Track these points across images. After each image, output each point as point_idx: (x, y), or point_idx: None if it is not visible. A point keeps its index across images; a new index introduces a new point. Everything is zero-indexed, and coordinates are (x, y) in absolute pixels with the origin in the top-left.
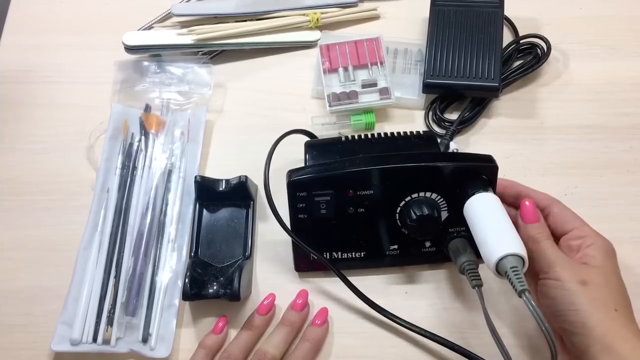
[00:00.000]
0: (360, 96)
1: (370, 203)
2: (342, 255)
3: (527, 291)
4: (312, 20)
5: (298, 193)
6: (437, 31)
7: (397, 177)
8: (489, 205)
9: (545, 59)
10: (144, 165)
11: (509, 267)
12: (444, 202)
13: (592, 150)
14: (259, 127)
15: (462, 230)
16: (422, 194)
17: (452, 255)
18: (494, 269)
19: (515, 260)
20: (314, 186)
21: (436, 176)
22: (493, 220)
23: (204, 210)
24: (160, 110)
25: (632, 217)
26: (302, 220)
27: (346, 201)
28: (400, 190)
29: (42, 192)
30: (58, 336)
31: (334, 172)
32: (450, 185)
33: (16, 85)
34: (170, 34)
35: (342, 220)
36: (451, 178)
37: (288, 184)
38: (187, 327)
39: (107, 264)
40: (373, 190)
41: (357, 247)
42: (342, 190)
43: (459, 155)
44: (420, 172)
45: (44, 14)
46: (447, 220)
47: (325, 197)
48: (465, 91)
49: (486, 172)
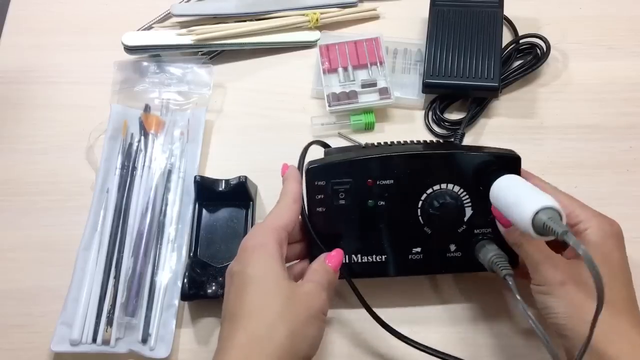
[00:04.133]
0: (360, 96)
1: (391, 195)
2: (362, 258)
3: (569, 232)
4: (312, 21)
5: (316, 182)
6: (436, 31)
7: (418, 166)
8: (516, 179)
9: (544, 59)
10: (144, 166)
11: (546, 217)
12: (467, 197)
13: (591, 150)
14: (259, 127)
15: (488, 232)
16: (445, 186)
17: (478, 254)
18: (530, 224)
19: (551, 212)
20: (332, 173)
21: (459, 166)
22: (522, 187)
23: (203, 211)
24: (159, 110)
25: (632, 217)
26: (319, 216)
27: (366, 191)
28: (422, 181)
29: (41, 192)
30: (58, 336)
31: (353, 158)
32: (473, 178)
33: (16, 86)
34: (170, 34)
35: (361, 215)
36: (474, 168)
37: (306, 171)
38: (186, 327)
39: (107, 264)
40: (394, 179)
41: (378, 248)
42: (362, 179)
43: (481, 148)
44: (442, 160)
45: (44, 14)
46: (471, 220)
47: (344, 185)
48: (465, 91)
49: (510, 162)
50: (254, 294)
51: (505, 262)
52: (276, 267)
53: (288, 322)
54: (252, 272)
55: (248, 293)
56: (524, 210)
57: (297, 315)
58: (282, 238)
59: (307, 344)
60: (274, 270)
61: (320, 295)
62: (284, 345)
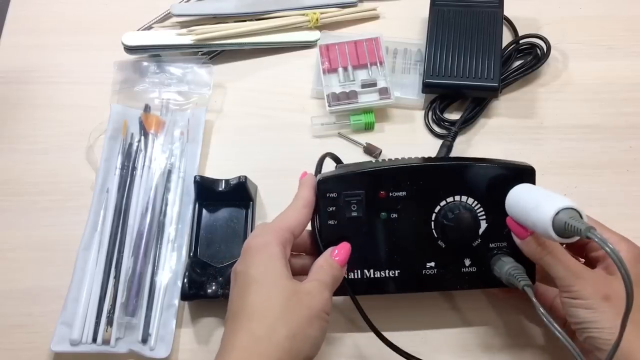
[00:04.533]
0: (360, 96)
1: (404, 207)
2: (375, 274)
3: (594, 228)
4: (312, 20)
5: (328, 194)
6: (436, 31)
7: (432, 177)
8: (532, 186)
9: (545, 59)
10: (144, 166)
11: (567, 217)
12: (482, 210)
13: (591, 150)
14: (259, 127)
15: (504, 246)
16: (459, 198)
17: (494, 267)
18: (550, 225)
19: (572, 212)
20: (344, 185)
21: (473, 178)
22: (540, 192)
23: (203, 210)
24: (159, 110)
25: (632, 217)
26: (332, 229)
27: (378, 203)
28: (436, 193)
29: (41, 192)
30: (58, 336)
31: (366, 169)
32: (487, 190)
33: (16, 86)
34: (170, 34)
35: (373, 227)
36: (489, 180)
37: (318, 183)
38: (186, 327)
39: (107, 264)
40: (407, 191)
41: (391, 263)
42: (374, 191)
43: (494, 160)
44: (456, 172)
45: (44, 14)
46: (486, 233)
47: (356, 197)
48: (464, 91)
49: (525, 174)
50: (255, 294)
51: (524, 274)
52: (278, 267)
53: (288, 323)
54: (254, 272)
55: (250, 293)
56: (544, 212)
57: (297, 315)
58: (286, 239)
59: (309, 344)
60: (275, 270)
61: (322, 295)
62: (284, 346)
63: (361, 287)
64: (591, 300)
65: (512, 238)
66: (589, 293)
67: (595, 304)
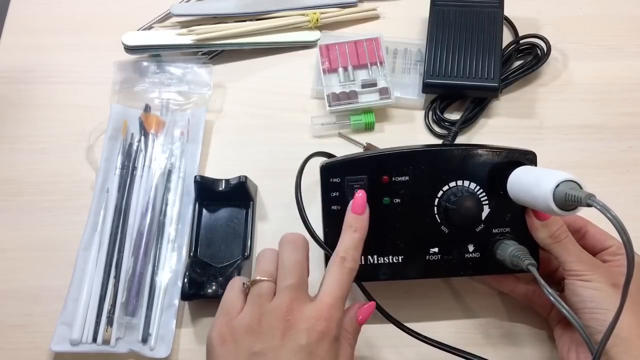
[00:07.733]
0: (360, 96)
1: (407, 192)
2: (379, 259)
3: (594, 196)
4: (312, 20)
5: (331, 179)
6: (437, 31)
7: (435, 162)
8: (532, 167)
9: (545, 59)
10: (144, 165)
11: (567, 188)
12: (484, 195)
13: (591, 150)
14: (259, 127)
15: (506, 231)
16: (462, 182)
17: (498, 252)
18: (551, 198)
19: (571, 183)
20: (347, 170)
21: (476, 163)
22: (539, 170)
23: (203, 210)
24: (159, 110)
25: (632, 217)
26: (334, 215)
27: (381, 188)
28: (439, 178)
29: (42, 192)
30: (58, 336)
31: (368, 154)
32: (490, 175)
33: (16, 85)
34: (170, 34)
35: (377, 213)
36: (491, 165)
37: (321, 168)
38: (186, 327)
39: (107, 264)
40: (409, 176)
41: (395, 249)
42: (377, 175)
43: (496, 145)
44: (459, 156)
45: (44, 14)
46: (489, 218)
47: (359, 181)
48: (465, 91)
49: (526, 158)
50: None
51: (527, 254)
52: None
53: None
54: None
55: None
56: (544, 187)
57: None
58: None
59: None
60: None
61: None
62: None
63: (365, 273)
64: (600, 284)
65: (515, 224)
66: (598, 277)
67: (602, 287)
